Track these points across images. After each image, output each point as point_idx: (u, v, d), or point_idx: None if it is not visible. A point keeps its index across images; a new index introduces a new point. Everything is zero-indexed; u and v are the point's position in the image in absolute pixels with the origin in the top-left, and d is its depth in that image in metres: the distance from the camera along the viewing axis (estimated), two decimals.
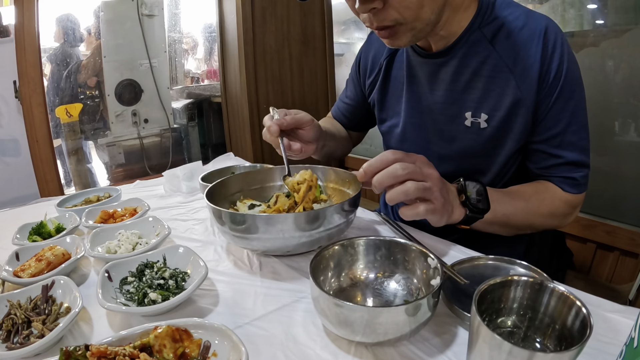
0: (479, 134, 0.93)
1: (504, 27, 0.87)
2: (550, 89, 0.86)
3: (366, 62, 1.15)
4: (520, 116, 0.88)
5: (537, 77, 0.85)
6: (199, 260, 0.76)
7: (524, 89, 0.86)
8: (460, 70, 0.92)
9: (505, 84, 0.88)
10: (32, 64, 2.14)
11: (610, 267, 1.65)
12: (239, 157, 1.68)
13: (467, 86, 0.92)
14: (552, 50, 0.84)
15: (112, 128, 2.66)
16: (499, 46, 0.87)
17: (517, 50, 0.86)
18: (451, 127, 0.96)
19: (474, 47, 0.89)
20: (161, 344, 0.53)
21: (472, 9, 0.89)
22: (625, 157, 1.61)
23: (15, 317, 0.65)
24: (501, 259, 0.72)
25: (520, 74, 0.86)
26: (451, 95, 0.94)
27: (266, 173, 1.07)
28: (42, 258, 0.80)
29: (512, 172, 0.99)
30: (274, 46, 2.65)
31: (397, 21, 0.78)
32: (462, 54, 0.91)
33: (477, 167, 0.98)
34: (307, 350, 0.60)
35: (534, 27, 0.85)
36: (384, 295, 0.70)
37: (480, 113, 0.91)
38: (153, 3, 2.64)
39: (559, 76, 0.84)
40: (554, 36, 0.84)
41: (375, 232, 0.99)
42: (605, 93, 1.60)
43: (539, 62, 0.84)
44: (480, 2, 0.89)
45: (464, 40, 0.90)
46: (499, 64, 0.88)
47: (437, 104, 0.97)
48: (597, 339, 0.57)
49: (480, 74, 0.90)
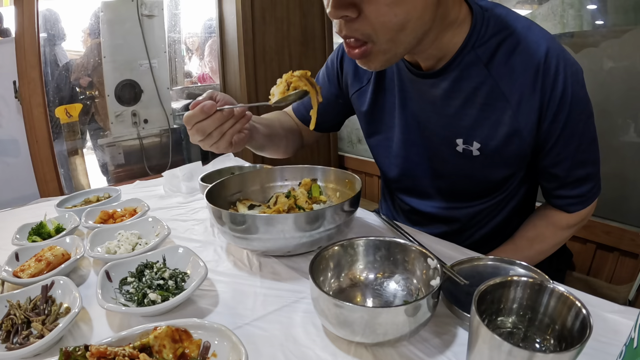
0: (470, 160, 0.89)
1: (501, 48, 0.80)
2: (555, 116, 0.80)
3: (352, 66, 1.05)
4: (515, 145, 0.84)
5: (537, 106, 0.79)
6: (199, 261, 0.76)
7: (522, 119, 0.81)
8: (451, 94, 0.86)
9: (500, 112, 0.82)
10: (31, 65, 2.14)
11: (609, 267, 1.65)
12: (239, 157, 1.68)
13: (459, 112, 0.86)
14: (555, 76, 0.77)
15: (111, 128, 2.66)
16: (495, 71, 0.81)
17: (515, 77, 0.79)
18: (443, 149, 0.92)
19: (467, 70, 0.82)
20: (161, 344, 0.53)
21: (467, 25, 0.81)
22: (625, 158, 1.61)
23: (14, 318, 0.65)
24: (501, 259, 0.72)
25: (518, 102, 0.80)
26: (441, 119, 0.90)
27: (266, 173, 1.07)
28: (42, 258, 0.80)
29: (515, 192, 0.98)
30: (274, 47, 2.65)
31: (370, 38, 0.70)
32: (454, 77, 0.84)
33: (470, 188, 0.96)
34: (306, 350, 0.60)
35: (533, 51, 0.78)
36: (384, 296, 0.70)
37: (472, 141, 0.87)
38: (153, 3, 2.63)
39: (565, 102, 0.78)
40: (555, 60, 0.77)
41: (375, 232, 0.99)
42: (605, 94, 1.60)
43: (539, 91, 0.78)
44: (474, 17, 0.81)
45: (456, 62, 0.82)
46: (494, 91, 0.81)
47: (430, 124, 0.93)
48: (597, 339, 0.57)
49: (474, 101, 0.84)
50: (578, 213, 0.93)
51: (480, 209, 0.99)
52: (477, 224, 1.02)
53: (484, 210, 0.99)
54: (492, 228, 1.02)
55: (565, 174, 0.88)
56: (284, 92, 0.81)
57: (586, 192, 0.90)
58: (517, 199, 1.00)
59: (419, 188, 1.04)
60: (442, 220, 1.03)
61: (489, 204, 0.98)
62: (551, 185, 0.92)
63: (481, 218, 1.01)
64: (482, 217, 1.01)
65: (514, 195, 0.99)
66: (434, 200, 1.03)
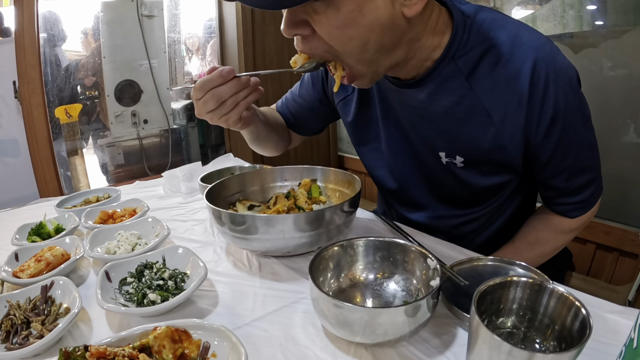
0: (455, 172, 0.87)
1: (483, 59, 0.74)
2: (549, 130, 0.75)
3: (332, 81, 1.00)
4: (501, 159, 0.81)
5: (523, 123, 0.75)
6: (199, 261, 0.76)
7: (506, 136, 0.77)
8: (429, 108, 0.81)
9: (482, 129, 0.78)
10: (31, 65, 2.14)
11: (609, 267, 1.65)
12: (239, 157, 1.68)
13: (440, 127, 0.82)
14: (544, 90, 0.72)
15: (111, 128, 2.66)
16: (476, 85, 0.75)
17: (499, 92, 0.74)
18: (428, 160, 0.90)
19: (446, 83, 0.77)
20: (160, 344, 0.53)
21: (447, 34, 0.75)
22: (624, 158, 1.61)
23: (14, 318, 0.65)
24: (500, 259, 0.72)
25: (502, 119, 0.76)
26: (422, 131, 0.86)
27: (266, 174, 1.07)
28: (42, 258, 0.80)
29: (511, 200, 0.97)
30: (274, 47, 2.65)
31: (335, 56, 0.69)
32: (432, 89, 0.79)
33: (462, 196, 0.94)
34: (306, 351, 0.60)
35: (520, 63, 0.72)
36: (384, 296, 0.70)
37: (455, 155, 0.84)
38: (153, 4, 2.64)
39: (558, 115, 0.74)
40: (544, 72, 0.71)
41: (374, 233, 0.99)
42: (604, 94, 1.60)
43: (526, 107, 0.73)
44: (454, 25, 0.75)
45: (435, 73, 0.77)
46: (475, 106, 0.76)
47: (413, 135, 0.90)
48: (597, 339, 0.57)
49: (453, 116, 0.79)
50: (580, 217, 0.92)
51: (475, 216, 0.97)
52: (474, 231, 1.00)
53: (480, 217, 0.98)
54: (489, 235, 1.01)
55: (565, 184, 0.85)
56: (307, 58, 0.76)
57: (587, 198, 0.88)
58: (514, 206, 0.99)
59: (411, 199, 1.01)
60: (438, 231, 0.99)
61: (484, 211, 0.97)
62: (551, 194, 0.91)
63: (477, 226, 0.99)
64: (478, 225, 0.99)
65: (510, 203, 0.98)
66: (427, 210, 1.01)
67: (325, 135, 3.02)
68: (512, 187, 0.93)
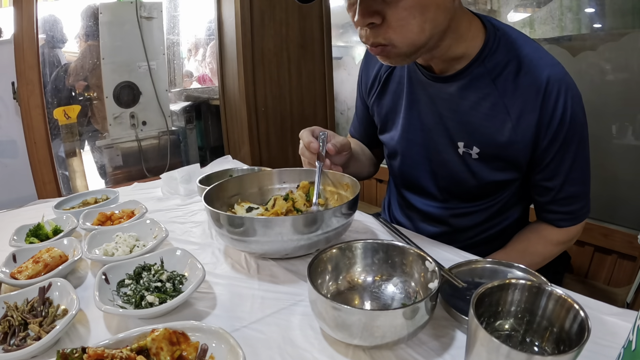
0: (469, 163, 0.95)
1: (508, 66, 0.86)
2: (555, 135, 0.86)
3: (367, 78, 1.14)
4: (511, 155, 0.90)
5: (535, 123, 0.86)
6: (197, 263, 0.76)
7: (520, 132, 0.87)
8: (458, 101, 0.92)
9: (501, 124, 0.88)
10: (30, 66, 2.14)
11: (607, 270, 1.65)
12: (237, 160, 1.68)
13: (463, 118, 0.92)
14: (556, 98, 0.84)
15: (110, 130, 2.66)
16: (500, 86, 0.87)
17: (518, 95, 0.86)
18: (444, 150, 0.98)
19: (475, 81, 0.89)
20: (158, 346, 0.53)
21: (479, 40, 0.87)
22: (622, 161, 1.62)
23: (12, 319, 0.65)
24: (499, 262, 0.72)
25: (518, 117, 0.87)
26: (447, 122, 0.95)
27: (264, 176, 1.07)
28: (39, 260, 0.80)
29: (508, 208, 1.04)
30: (273, 49, 2.65)
31: (392, 41, 0.78)
32: (463, 85, 0.90)
33: (466, 190, 1.00)
34: (304, 353, 0.60)
35: (538, 74, 0.84)
36: (382, 299, 0.70)
37: (472, 145, 0.93)
38: (152, 5, 2.64)
39: (564, 122, 0.85)
40: (557, 85, 0.83)
41: (373, 235, 0.99)
42: (603, 97, 1.60)
43: (538, 111, 0.85)
44: (487, 34, 0.87)
45: (468, 72, 0.89)
46: (498, 104, 0.88)
47: (434, 125, 0.98)
48: (595, 342, 0.57)
49: (478, 110, 0.90)
50: (567, 230, 0.98)
51: (475, 210, 1.03)
52: (472, 228, 1.05)
53: (479, 212, 1.03)
54: (485, 237, 1.06)
55: (558, 188, 0.93)
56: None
57: (576, 210, 0.96)
58: (512, 216, 1.06)
59: (418, 185, 1.08)
60: (436, 220, 1.08)
61: (485, 207, 1.02)
62: (544, 199, 0.97)
63: (476, 222, 1.04)
64: (477, 222, 1.04)
65: (509, 208, 1.04)
66: (431, 199, 1.07)
67: None
68: (514, 189, 1.00)
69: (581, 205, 0.96)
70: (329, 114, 2.99)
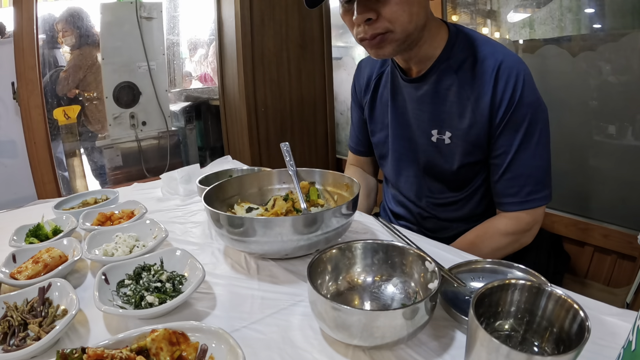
0: (441, 149, 1.07)
1: (467, 60, 1.00)
2: (504, 114, 0.97)
3: (360, 85, 1.27)
4: (474, 136, 1.01)
5: (488, 105, 0.97)
6: (196, 263, 0.76)
7: (478, 114, 0.99)
8: (430, 94, 1.05)
9: (464, 108, 1.01)
10: (30, 66, 2.14)
11: (607, 270, 1.65)
12: (237, 160, 1.68)
13: (435, 108, 1.05)
14: (506, 82, 0.95)
15: (110, 130, 2.66)
16: (461, 76, 1.01)
17: (474, 81, 0.99)
18: (422, 140, 1.10)
19: (442, 76, 1.03)
20: (158, 347, 0.53)
21: (443, 38, 1.02)
22: (622, 161, 1.61)
23: (11, 319, 0.65)
24: (499, 262, 0.72)
25: (475, 101, 0.99)
26: (423, 114, 1.08)
27: (264, 176, 1.07)
28: (39, 260, 0.80)
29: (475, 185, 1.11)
30: (272, 49, 2.65)
31: (388, 29, 0.90)
32: (433, 80, 1.04)
33: (440, 175, 1.11)
34: (304, 353, 0.60)
35: (490, 63, 0.97)
36: (382, 299, 0.70)
37: (444, 131, 1.05)
38: (152, 6, 2.64)
39: (512, 103, 0.95)
40: (507, 70, 0.96)
41: (373, 235, 0.99)
42: (602, 97, 1.60)
43: (490, 93, 0.97)
44: (450, 35, 1.02)
45: (435, 69, 1.03)
46: (460, 92, 1.01)
47: (414, 120, 1.10)
48: (595, 342, 0.57)
49: (446, 99, 1.03)
50: (517, 219, 1.02)
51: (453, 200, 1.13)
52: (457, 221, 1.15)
53: (460, 203, 1.13)
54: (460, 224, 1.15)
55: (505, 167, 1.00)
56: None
57: (525, 194, 1.00)
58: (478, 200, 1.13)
59: (404, 176, 1.19)
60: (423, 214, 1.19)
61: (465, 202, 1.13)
62: (493, 178, 1.05)
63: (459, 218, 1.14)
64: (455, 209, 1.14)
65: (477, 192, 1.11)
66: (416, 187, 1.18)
67: (323, 138, 3.02)
68: (481, 175, 1.09)
69: (531, 189, 1.00)
70: (329, 114, 2.99)
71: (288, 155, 1.09)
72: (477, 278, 0.73)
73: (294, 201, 0.96)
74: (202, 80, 3.32)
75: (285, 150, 1.10)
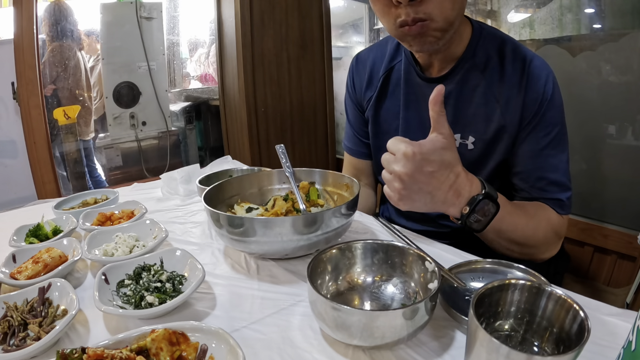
0: (464, 154, 0.95)
1: (493, 58, 0.95)
2: (533, 118, 0.92)
3: (361, 81, 1.16)
4: (503, 140, 0.96)
5: (520, 107, 0.92)
6: (196, 263, 0.76)
7: (508, 117, 0.94)
8: (455, 95, 0.98)
9: (491, 111, 0.95)
10: (30, 66, 2.14)
11: (607, 270, 1.65)
12: (237, 160, 1.68)
13: (458, 112, 0.98)
14: (539, 81, 0.91)
15: (110, 130, 2.66)
16: (488, 77, 0.95)
17: (503, 82, 0.94)
18: None
19: (467, 75, 0.96)
20: (158, 347, 0.53)
21: (467, 36, 0.96)
22: (622, 161, 1.62)
23: (11, 320, 0.65)
24: (499, 262, 0.72)
25: (505, 104, 0.94)
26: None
27: (264, 176, 1.07)
28: (39, 260, 0.80)
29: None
30: (272, 49, 2.65)
31: (431, 16, 0.83)
32: (457, 80, 0.97)
33: None
34: (304, 353, 0.60)
35: (520, 62, 0.93)
36: (382, 299, 0.70)
37: (468, 136, 0.98)
38: (152, 6, 2.64)
39: (542, 105, 0.91)
40: (538, 69, 0.92)
41: (373, 235, 0.99)
42: (602, 97, 1.60)
43: (523, 93, 0.92)
44: (473, 32, 0.97)
45: (459, 68, 0.97)
46: (487, 93, 0.95)
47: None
48: (595, 342, 0.57)
49: (471, 101, 0.97)
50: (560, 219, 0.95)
51: None
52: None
53: None
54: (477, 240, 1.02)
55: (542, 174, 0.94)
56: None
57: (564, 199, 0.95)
58: None
59: None
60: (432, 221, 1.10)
61: None
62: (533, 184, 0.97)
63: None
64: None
65: None
66: None
67: (323, 138, 3.02)
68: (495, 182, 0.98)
69: (567, 196, 0.95)
70: (329, 114, 2.99)
71: (284, 157, 1.06)
72: (477, 278, 0.73)
73: (294, 201, 0.96)
74: (202, 80, 3.32)
75: (280, 152, 1.07)
